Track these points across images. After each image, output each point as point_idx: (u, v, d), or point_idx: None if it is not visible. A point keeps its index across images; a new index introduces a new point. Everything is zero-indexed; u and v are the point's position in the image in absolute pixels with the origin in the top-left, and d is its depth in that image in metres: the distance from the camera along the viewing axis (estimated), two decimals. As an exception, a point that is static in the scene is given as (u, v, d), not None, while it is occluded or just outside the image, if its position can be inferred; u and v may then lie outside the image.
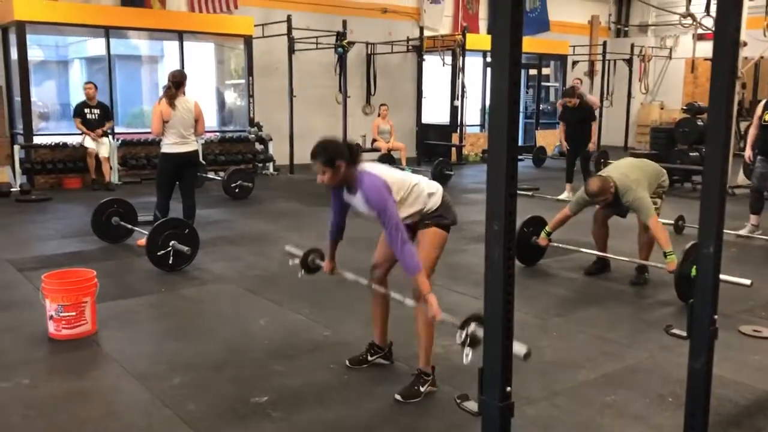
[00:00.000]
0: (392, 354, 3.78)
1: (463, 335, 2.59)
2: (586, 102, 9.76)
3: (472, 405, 2.11)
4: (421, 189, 3.36)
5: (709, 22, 10.25)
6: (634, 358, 3.83)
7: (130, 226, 6.45)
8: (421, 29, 14.22)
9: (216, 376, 3.58)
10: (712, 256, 2.58)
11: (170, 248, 5.48)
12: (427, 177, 3.55)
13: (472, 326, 2.58)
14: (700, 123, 10.48)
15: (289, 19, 11.68)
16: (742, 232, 7.06)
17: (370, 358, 3.72)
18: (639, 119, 18.10)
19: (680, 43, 17.93)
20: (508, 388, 1.99)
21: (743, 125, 12.16)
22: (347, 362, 3.72)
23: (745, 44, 10.17)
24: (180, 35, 11.49)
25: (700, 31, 13.33)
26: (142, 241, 6.29)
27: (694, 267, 4.94)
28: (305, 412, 3.18)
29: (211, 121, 12.96)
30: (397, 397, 3.31)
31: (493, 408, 1.99)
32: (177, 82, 6.09)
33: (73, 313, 4.01)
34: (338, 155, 3.19)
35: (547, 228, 5.60)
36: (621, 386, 3.47)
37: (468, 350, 2.58)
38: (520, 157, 14.75)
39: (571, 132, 9.49)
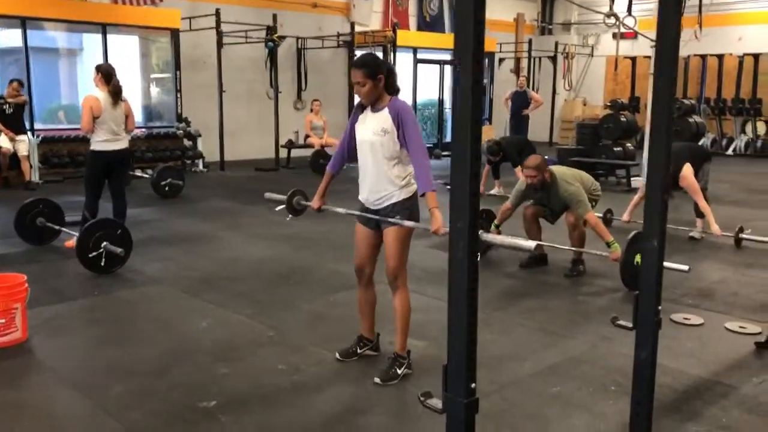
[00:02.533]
0: (380, 345, 3.80)
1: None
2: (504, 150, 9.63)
3: (436, 402, 2.12)
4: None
5: (630, 22, 10.64)
6: (576, 349, 3.94)
7: (57, 227, 6.17)
8: (352, 24, 14.18)
9: (160, 382, 3.46)
10: (656, 250, 2.68)
11: (102, 250, 5.27)
12: None
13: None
14: (623, 119, 10.89)
15: (217, 13, 11.43)
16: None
17: (359, 350, 3.73)
18: (563, 115, 18.63)
19: (601, 42, 18.55)
20: (473, 384, 2.01)
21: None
22: (337, 355, 3.71)
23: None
24: (103, 27, 11.08)
25: (621, 30, 13.82)
26: (71, 243, 6.05)
27: (638, 255, 5.12)
28: (255, 415, 3.13)
29: (136, 116, 12.52)
30: (376, 380, 3.37)
31: (458, 405, 2.00)
32: (111, 76, 5.88)
33: (3, 321, 3.80)
34: (381, 69, 3.31)
35: (495, 221, 5.73)
36: (565, 377, 3.57)
37: None
38: (448, 153, 14.96)
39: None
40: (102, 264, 5.29)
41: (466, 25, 1.83)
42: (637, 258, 5.13)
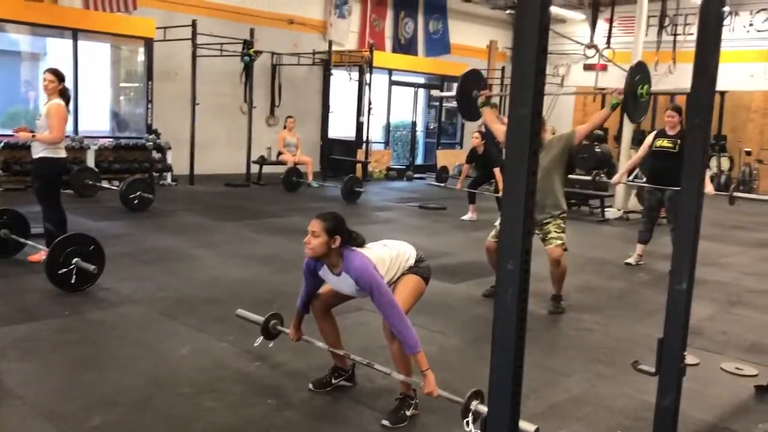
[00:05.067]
0: (355, 376, 3.67)
1: (470, 415, 2.48)
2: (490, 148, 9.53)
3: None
4: (398, 257, 3.38)
5: (607, 54, 10.77)
6: (577, 388, 3.82)
7: (22, 240, 5.83)
8: (330, 43, 14.06)
9: (142, 414, 3.22)
10: (684, 292, 2.58)
11: (73, 266, 4.98)
12: (336, 192, 3.58)
13: (474, 404, 2.46)
14: (598, 150, 10.95)
15: (194, 24, 11.20)
16: (629, 260, 7.15)
17: (334, 381, 3.59)
18: (532, 143, 18.76)
19: (571, 72, 18.82)
20: (516, 440, 1.85)
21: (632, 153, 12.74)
22: (310, 385, 3.57)
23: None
24: (74, 33, 10.73)
25: (590, 61, 13.94)
26: (35, 257, 5.76)
27: (642, 85, 4.77)
28: (248, 455, 2.91)
29: (104, 125, 12.19)
30: (385, 422, 3.20)
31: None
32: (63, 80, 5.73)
33: (-32, 343, 3.51)
34: (341, 231, 3.15)
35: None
36: (570, 418, 3.43)
37: (473, 428, 2.46)
38: (422, 175, 14.87)
39: (479, 176, 9.68)
40: (72, 281, 4.99)
41: (527, 52, 1.70)
42: (640, 89, 4.79)
